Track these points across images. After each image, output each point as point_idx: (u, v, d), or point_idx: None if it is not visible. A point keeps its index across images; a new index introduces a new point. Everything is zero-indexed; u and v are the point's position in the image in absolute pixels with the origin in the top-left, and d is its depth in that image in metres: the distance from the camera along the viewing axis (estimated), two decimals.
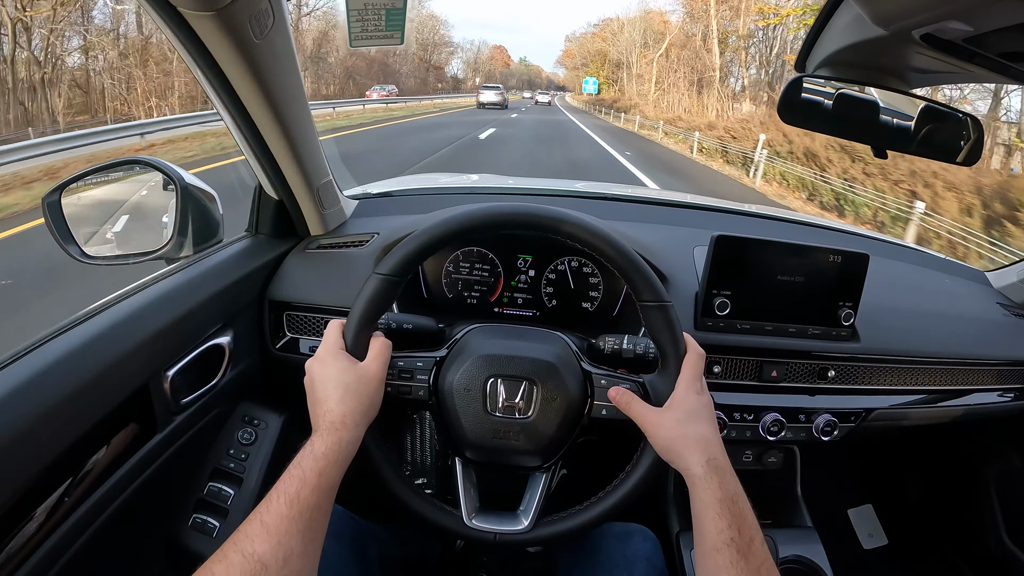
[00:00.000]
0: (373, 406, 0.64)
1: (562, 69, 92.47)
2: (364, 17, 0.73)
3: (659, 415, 0.65)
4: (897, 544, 1.44)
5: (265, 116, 0.78)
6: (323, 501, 0.55)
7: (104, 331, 0.70)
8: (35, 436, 0.58)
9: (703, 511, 0.58)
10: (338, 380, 0.62)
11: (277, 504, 0.52)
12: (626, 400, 0.67)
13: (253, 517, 0.52)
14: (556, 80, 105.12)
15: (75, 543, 0.64)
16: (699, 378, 0.67)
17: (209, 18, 0.61)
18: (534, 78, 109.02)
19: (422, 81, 55.62)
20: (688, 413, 0.64)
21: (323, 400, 0.61)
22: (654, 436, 0.64)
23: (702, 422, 0.63)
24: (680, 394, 0.65)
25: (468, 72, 79.81)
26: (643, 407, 0.66)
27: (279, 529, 0.51)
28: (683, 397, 0.65)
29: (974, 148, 0.81)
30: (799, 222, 1.38)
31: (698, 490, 0.59)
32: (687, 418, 0.63)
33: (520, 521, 0.70)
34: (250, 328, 0.94)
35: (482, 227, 0.70)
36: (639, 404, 0.66)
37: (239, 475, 0.89)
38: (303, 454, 0.57)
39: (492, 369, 0.70)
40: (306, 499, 0.53)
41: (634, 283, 0.69)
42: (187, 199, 0.91)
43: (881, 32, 0.63)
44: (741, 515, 0.57)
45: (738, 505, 0.58)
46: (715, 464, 0.60)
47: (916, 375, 1.01)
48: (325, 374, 0.63)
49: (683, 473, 0.62)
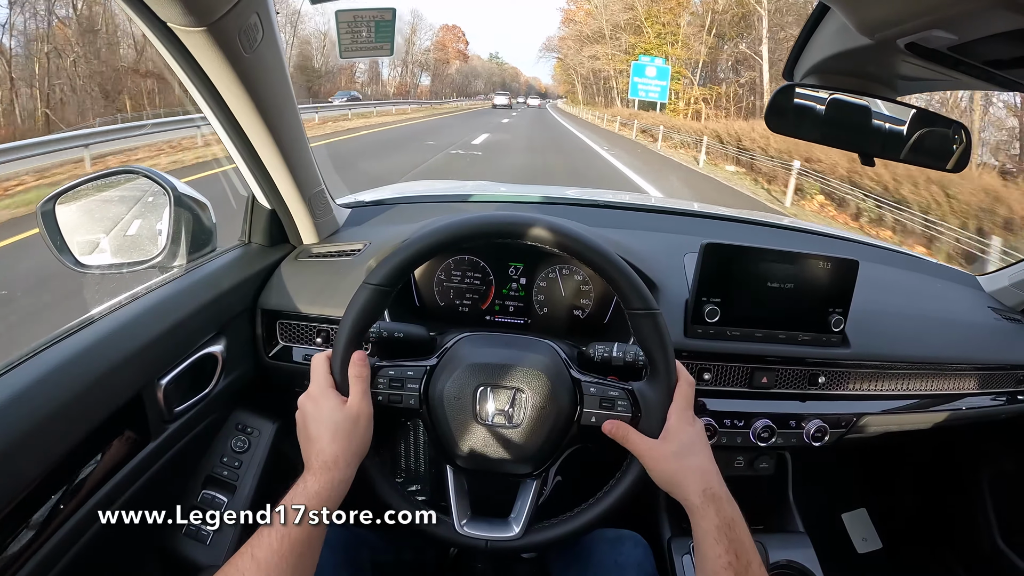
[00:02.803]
0: (363, 445, 0.65)
1: (546, 72, 75.14)
2: (354, 29, 0.73)
3: (656, 448, 0.66)
4: (891, 548, 1.44)
5: (257, 127, 0.78)
6: (314, 538, 0.57)
7: (98, 340, 0.70)
8: (30, 445, 0.59)
9: (702, 538, 0.61)
10: (329, 419, 0.63)
11: (269, 539, 0.53)
12: (622, 433, 0.68)
13: (244, 551, 0.53)
14: (538, 85, 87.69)
15: (69, 551, 0.65)
16: (691, 407, 0.69)
17: (199, 33, 0.62)
18: (510, 81, 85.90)
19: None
20: (683, 445, 0.66)
21: (316, 439, 0.62)
22: (652, 469, 0.66)
23: (698, 453, 0.66)
24: (674, 425, 0.67)
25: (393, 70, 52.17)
26: (640, 439, 0.67)
27: (269, 564, 0.52)
28: (677, 428, 0.67)
29: (963, 155, 0.82)
30: (789, 228, 1.39)
31: (697, 518, 0.62)
32: (684, 450, 0.66)
33: (511, 528, 0.70)
34: (243, 336, 0.95)
35: (474, 236, 0.70)
36: (636, 436, 0.67)
37: (232, 483, 0.89)
38: (296, 491, 0.58)
39: (481, 377, 0.70)
40: (297, 536, 0.54)
41: (623, 291, 0.70)
42: (180, 208, 0.91)
43: (867, 41, 0.64)
44: (738, 540, 0.60)
45: (735, 531, 0.60)
46: (711, 493, 0.62)
47: (907, 380, 1.01)
48: (318, 413, 0.64)
49: (682, 502, 0.64)
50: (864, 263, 0.92)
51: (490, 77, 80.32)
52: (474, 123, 22.50)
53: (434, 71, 60.37)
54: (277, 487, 0.94)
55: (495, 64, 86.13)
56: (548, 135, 19.78)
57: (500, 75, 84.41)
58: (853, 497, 1.50)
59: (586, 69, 40.31)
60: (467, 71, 71.97)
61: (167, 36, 0.63)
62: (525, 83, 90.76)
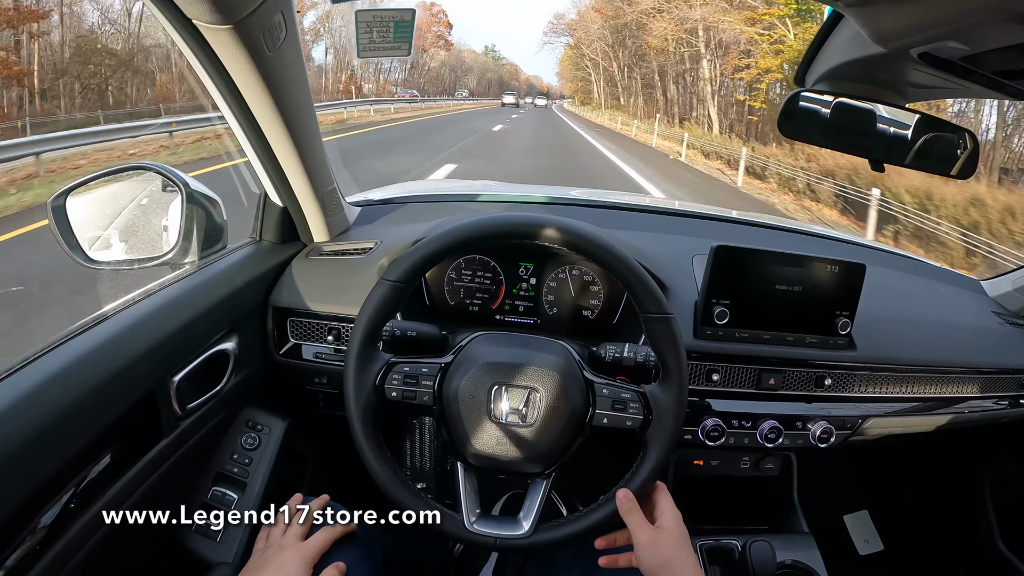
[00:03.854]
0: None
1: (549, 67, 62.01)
2: (372, 29, 0.74)
3: (657, 533, 0.69)
4: (893, 550, 1.45)
5: (274, 126, 0.79)
6: None
7: (111, 337, 0.70)
8: (42, 442, 0.59)
9: None
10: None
11: None
12: (628, 508, 0.70)
13: None
14: (539, 84, 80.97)
15: (82, 548, 0.64)
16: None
17: (225, 31, 0.62)
18: (508, 79, 75.82)
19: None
20: (683, 535, 0.69)
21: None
22: (650, 552, 0.67)
23: (690, 547, 0.69)
24: (672, 517, 0.71)
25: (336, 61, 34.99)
26: (642, 522, 0.69)
27: None
28: (675, 520, 0.70)
29: (968, 161, 0.83)
30: (797, 231, 1.40)
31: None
32: (683, 540, 0.69)
33: (520, 526, 0.71)
34: (254, 334, 0.95)
35: (492, 236, 0.71)
36: (639, 518, 0.69)
37: (243, 480, 0.89)
38: None
39: (496, 376, 0.71)
40: None
41: (637, 295, 0.71)
42: (192, 205, 0.91)
43: (880, 50, 0.65)
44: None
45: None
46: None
47: (912, 383, 1.03)
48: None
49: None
50: (870, 267, 0.93)
51: (484, 73, 69.31)
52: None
53: (410, 63, 44.68)
54: (287, 484, 0.95)
55: (491, 59, 74.05)
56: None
57: (497, 72, 73.57)
58: (856, 499, 1.51)
59: (630, 50, 25.25)
60: (454, 64, 56.87)
61: (192, 34, 0.63)
62: (525, 81, 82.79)
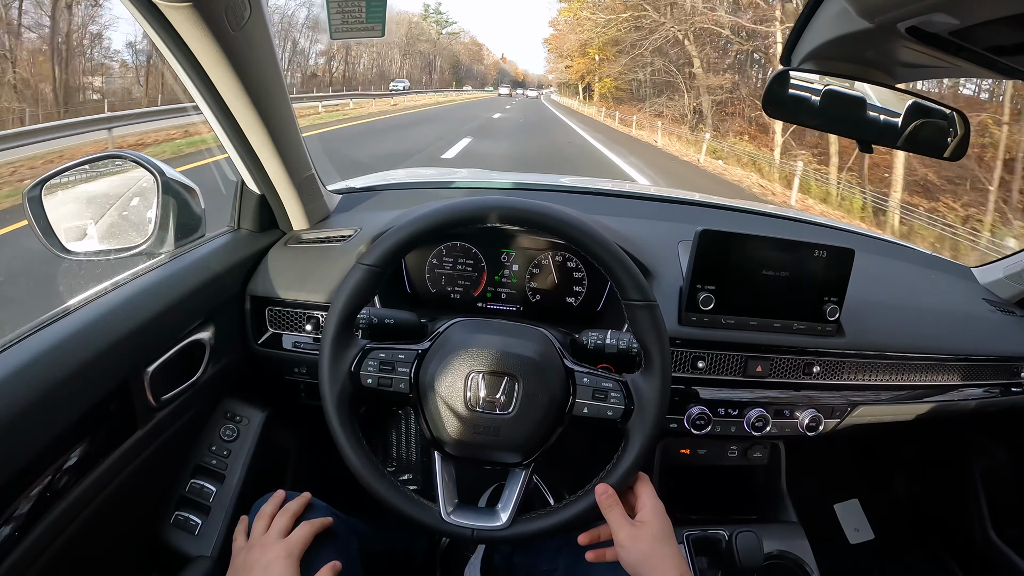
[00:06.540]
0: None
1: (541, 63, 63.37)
2: (344, 9, 0.72)
3: (636, 528, 0.67)
4: (883, 539, 1.45)
5: (245, 109, 0.77)
6: None
7: (83, 327, 0.69)
8: (13, 433, 0.57)
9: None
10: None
11: None
12: (608, 504, 0.68)
13: None
14: (521, 76, 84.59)
15: (55, 540, 0.63)
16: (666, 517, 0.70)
17: (185, 9, 0.60)
18: (468, 62, 77.18)
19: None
20: (662, 530, 0.67)
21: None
22: (630, 549, 0.66)
23: (672, 543, 0.67)
24: (653, 511, 0.68)
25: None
26: (622, 517, 0.67)
27: None
28: (655, 514, 0.68)
29: (960, 144, 0.81)
30: (784, 217, 1.38)
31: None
32: (662, 535, 0.67)
33: (498, 518, 0.69)
34: (232, 324, 0.93)
35: (473, 219, 0.69)
36: (619, 513, 0.68)
37: (221, 472, 0.88)
38: None
39: (473, 364, 0.69)
40: None
41: (620, 281, 0.69)
42: (168, 194, 0.89)
43: (866, 25, 0.63)
44: None
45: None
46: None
47: (901, 371, 1.01)
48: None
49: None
50: (859, 253, 0.91)
51: (430, 51, 60.45)
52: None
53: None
54: (267, 476, 0.94)
55: (436, 29, 62.72)
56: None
57: (450, 49, 64.52)
58: (846, 487, 1.50)
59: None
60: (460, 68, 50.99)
61: (152, 13, 0.61)
62: (494, 66, 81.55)
